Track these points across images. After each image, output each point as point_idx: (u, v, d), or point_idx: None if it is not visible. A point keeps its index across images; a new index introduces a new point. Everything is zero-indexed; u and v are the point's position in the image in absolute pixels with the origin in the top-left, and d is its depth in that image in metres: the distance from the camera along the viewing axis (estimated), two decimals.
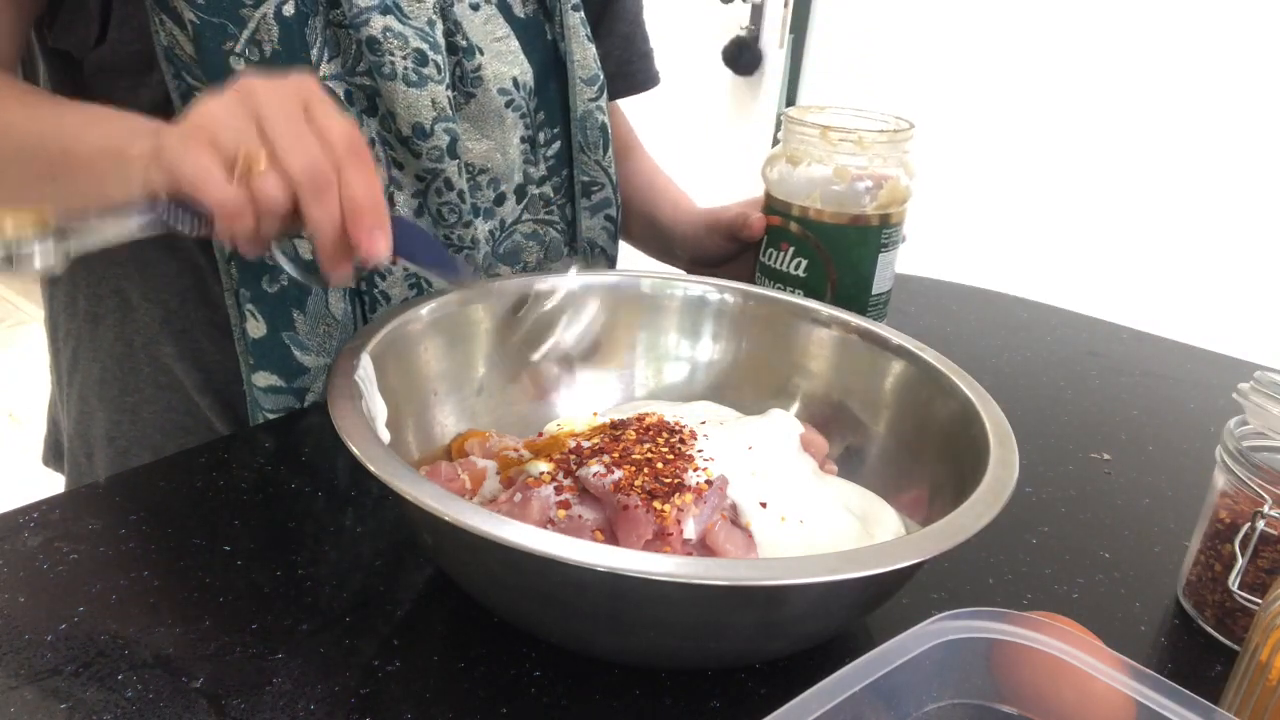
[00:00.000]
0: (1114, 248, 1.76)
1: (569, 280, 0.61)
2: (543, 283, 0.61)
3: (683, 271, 0.84)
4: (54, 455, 0.81)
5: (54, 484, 0.79)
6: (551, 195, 0.77)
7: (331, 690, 0.43)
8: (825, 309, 0.63)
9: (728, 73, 2.26)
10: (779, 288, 0.71)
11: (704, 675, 0.46)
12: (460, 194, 0.68)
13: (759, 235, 0.73)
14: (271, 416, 0.67)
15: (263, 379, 0.65)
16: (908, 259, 0.76)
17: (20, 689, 0.41)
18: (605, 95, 0.77)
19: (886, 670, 0.33)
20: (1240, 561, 0.47)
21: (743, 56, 2.21)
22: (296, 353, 0.65)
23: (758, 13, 2.19)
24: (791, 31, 2.13)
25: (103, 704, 0.41)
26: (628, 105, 0.93)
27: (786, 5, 2.12)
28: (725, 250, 0.78)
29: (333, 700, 0.42)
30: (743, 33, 2.21)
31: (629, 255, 0.92)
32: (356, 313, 0.68)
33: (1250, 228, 1.62)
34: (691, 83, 2.33)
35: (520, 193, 0.74)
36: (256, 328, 0.64)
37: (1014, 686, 0.36)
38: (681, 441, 0.52)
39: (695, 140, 2.35)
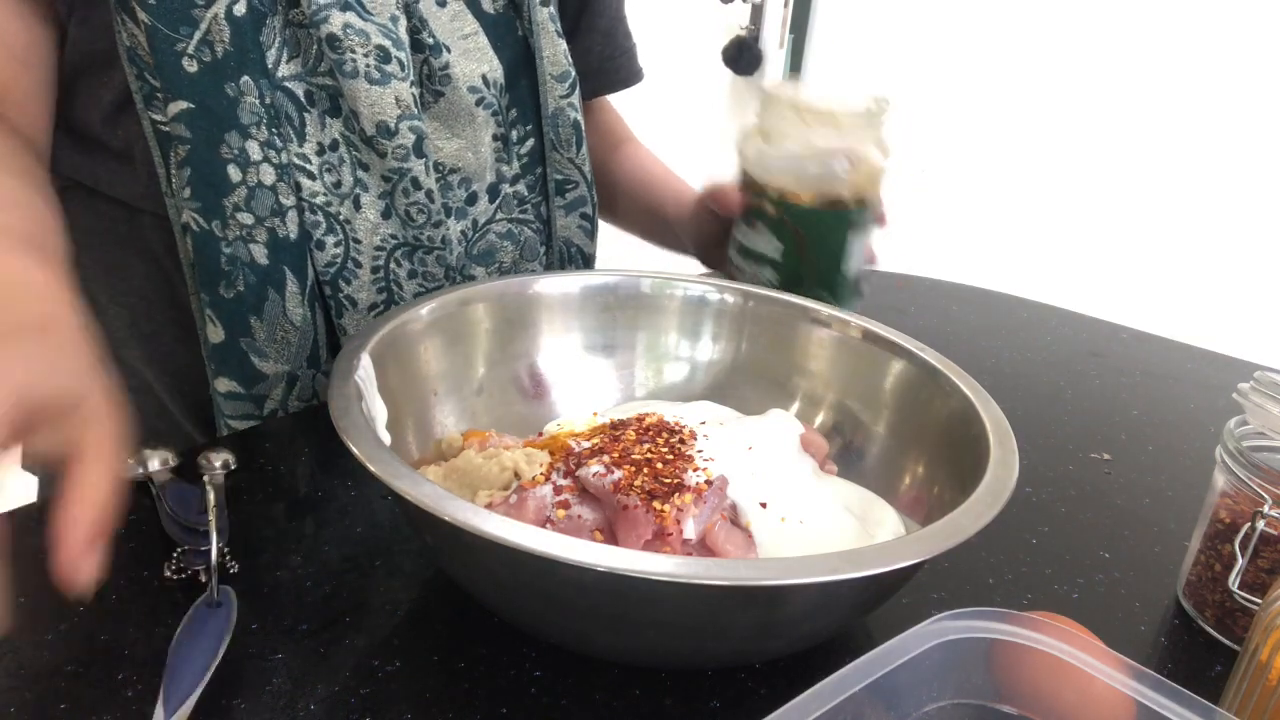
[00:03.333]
0: (1114, 247, 1.76)
1: None
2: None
3: (682, 266, 0.84)
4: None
5: None
6: (526, 194, 0.76)
7: (331, 690, 0.43)
8: (825, 309, 0.63)
9: (728, 73, 2.27)
10: (752, 264, 0.71)
11: (704, 675, 0.46)
12: (429, 193, 0.67)
13: (733, 206, 0.72)
14: (233, 423, 0.66)
15: (223, 385, 0.65)
16: (908, 259, 0.76)
17: (20, 689, 0.41)
18: (577, 92, 0.76)
19: (886, 670, 0.33)
20: (1240, 561, 0.47)
21: (743, 56, 2.21)
22: (254, 359, 0.65)
23: (758, 13, 2.20)
24: (791, 31, 2.13)
25: (103, 704, 0.41)
26: (625, 103, 0.93)
27: (786, 5, 2.13)
28: (719, 228, 0.76)
29: (333, 700, 0.42)
30: (743, 33, 2.21)
31: (617, 246, 0.92)
32: (317, 318, 0.67)
33: (1250, 228, 1.62)
34: (692, 83, 2.32)
35: (493, 192, 0.74)
36: (215, 333, 0.64)
37: (1014, 686, 0.36)
38: (681, 441, 0.52)
39: (694, 140, 2.34)
